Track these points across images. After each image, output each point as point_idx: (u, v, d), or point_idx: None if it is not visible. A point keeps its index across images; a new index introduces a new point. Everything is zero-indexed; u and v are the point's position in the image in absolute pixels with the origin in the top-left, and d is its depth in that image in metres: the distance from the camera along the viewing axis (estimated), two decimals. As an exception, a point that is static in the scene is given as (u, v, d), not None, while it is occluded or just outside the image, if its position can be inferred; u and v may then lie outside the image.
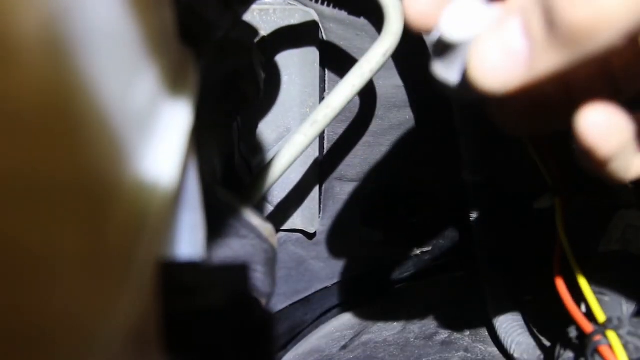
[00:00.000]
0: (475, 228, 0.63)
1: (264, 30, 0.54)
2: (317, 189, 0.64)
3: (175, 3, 0.25)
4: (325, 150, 0.64)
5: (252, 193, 0.50)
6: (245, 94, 0.46)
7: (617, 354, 0.44)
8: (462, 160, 0.60)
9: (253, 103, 0.48)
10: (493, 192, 0.60)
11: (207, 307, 0.20)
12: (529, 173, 0.53)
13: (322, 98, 0.59)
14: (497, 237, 0.62)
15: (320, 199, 0.66)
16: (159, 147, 0.21)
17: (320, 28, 0.57)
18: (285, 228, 0.65)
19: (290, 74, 0.58)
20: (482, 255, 0.63)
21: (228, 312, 0.21)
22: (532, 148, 0.50)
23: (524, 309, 0.60)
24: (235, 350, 0.21)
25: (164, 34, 0.23)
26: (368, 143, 0.64)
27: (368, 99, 0.61)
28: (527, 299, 0.61)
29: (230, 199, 0.34)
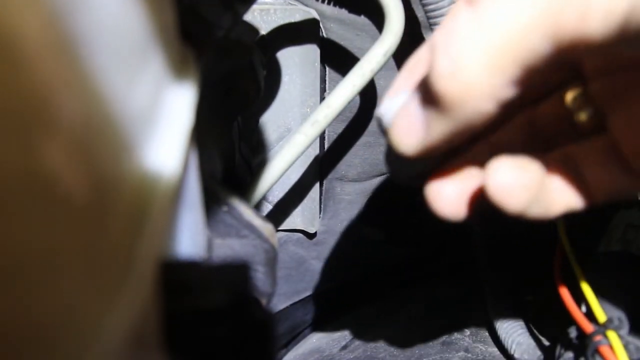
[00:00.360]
0: (476, 228, 0.63)
1: (265, 30, 0.54)
2: (317, 189, 0.64)
3: (176, 3, 0.25)
4: (326, 150, 0.64)
5: (252, 193, 0.50)
6: (246, 94, 0.46)
7: (617, 354, 0.44)
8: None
9: (253, 103, 0.48)
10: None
11: (207, 307, 0.20)
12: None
13: (322, 98, 0.59)
14: (497, 237, 0.62)
15: (321, 199, 0.66)
16: (161, 143, 0.21)
17: (321, 28, 0.57)
18: (286, 228, 0.65)
19: (291, 74, 0.58)
20: (482, 255, 0.63)
21: (228, 312, 0.21)
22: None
23: (524, 309, 0.60)
24: (236, 350, 0.21)
25: (166, 33, 0.23)
26: (368, 143, 0.64)
27: (368, 99, 0.61)
28: (527, 299, 0.61)
29: (231, 199, 0.34)
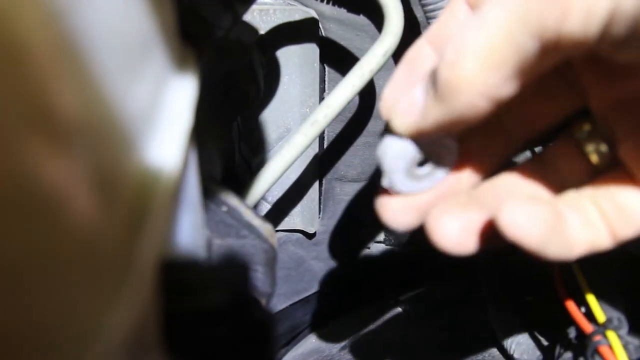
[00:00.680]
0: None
1: (264, 30, 0.54)
2: (317, 189, 0.64)
3: (176, 3, 0.25)
4: (325, 150, 0.64)
5: (251, 193, 0.50)
6: (245, 94, 0.46)
7: (617, 354, 0.44)
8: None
9: (253, 103, 0.48)
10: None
11: (207, 306, 0.20)
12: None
13: (322, 98, 0.59)
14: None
15: (320, 199, 0.66)
16: (161, 142, 0.21)
17: (320, 28, 0.57)
18: (285, 228, 0.65)
19: (291, 74, 0.58)
20: (482, 255, 0.63)
21: (228, 311, 0.21)
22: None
23: (524, 309, 0.60)
24: (236, 350, 0.21)
25: (166, 32, 0.23)
26: (368, 143, 0.64)
27: (368, 99, 0.61)
28: (527, 299, 0.61)
29: (230, 199, 0.34)
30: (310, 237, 0.67)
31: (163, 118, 0.22)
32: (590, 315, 0.47)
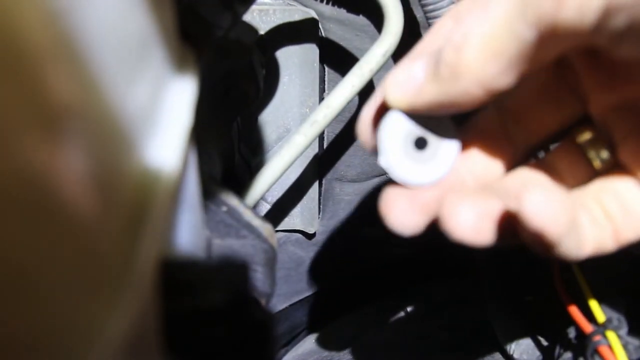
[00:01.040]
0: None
1: (264, 31, 0.54)
2: (316, 189, 0.64)
3: (176, 3, 0.25)
4: (325, 150, 0.64)
5: (251, 193, 0.50)
6: (245, 94, 0.46)
7: (616, 354, 0.44)
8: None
9: (253, 103, 0.48)
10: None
11: (207, 306, 0.20)
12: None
13: (321, 98, 0.59)
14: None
15: (320, 199, 0.66)
16: (160, 142, 0.21)
17: (320, 28, 0.57)
18: (285, 228, 0.65)
19: (290, 74, 0.58)
20: (482, 255, 0.63)
21: (228, 311, 0.21)
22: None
23: (524, 309, 0.60)
24: (236, 350, 0.21)
25: (165, 32, 0.23)
26: (368, 143, 0.64)
27: (368, 99, 0.61)
28: (527, 299, 0.61)
29: (230, 199, 0.34)
30: (310, 237, 0.67)
31: (163, 118, 0.22)
32: (590, 315, 0.47)
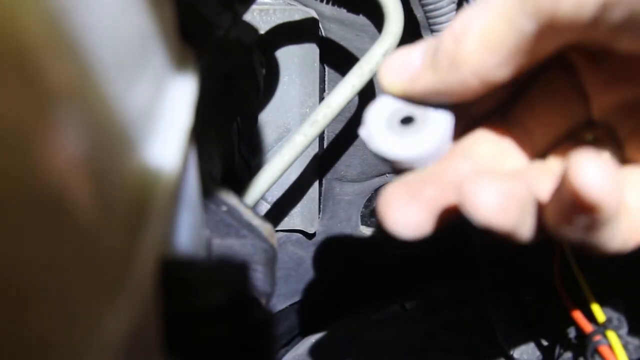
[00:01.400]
0: (476, 228, 0.62)
1: (264, 30, 0.54)
2: (316, 189, 0.64)
3: (176, 3, 0.25)
4: (325, 150, 0.64)
5: (251, 193, 0.50)
6: (245, 94, 0.46)
7: (617, 354, 0.44)
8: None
9: (253, 103, 0.48)
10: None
11: (207, 306, 0.20)
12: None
13: (321, 98, 0.59)
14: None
15: (320, 199, 0.66)
16: (160, 142, 0.21)
17: (320, 28, 0.57)
18: (285, 228, 0.65)
19: (290, 74, 0.58)
20: (482, 255, 0.63)
21: (227, 311, 0.21)
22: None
23: (524, 309, 0.60)
24: (235, 350, 0.21)
25: (165, 32, 0.23)
26: (368, 143, 0.64)
27: (368, 99, 0.61)
28: (527, 299, 0.61)
29: (230, 199, 0.34)
30: (310, 237, 0.67)
31: (163, 118, 0.22)
32: (590, 315, 0.47)
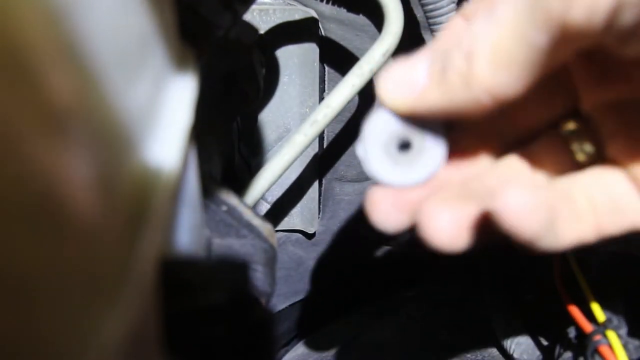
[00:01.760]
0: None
1: (264, 30, 0.54)
2: (316, 189, 0.64)
3: (176, 3, 0.25)
4: (325, 150, 0.64)
5: (251, 193, 0.50)
6: (245, 93, 0.46)
7: (616, 354, 0.44)
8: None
9: (253, 102, 0.48)
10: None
11: (207, 306, 0.20)
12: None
13: (321, 98, 0.59)
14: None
15: (320, 199, 0.66)
16: (161, 141, 0.21)
17: (320, 28, 0.57)
18: (285, 228, 0.65)
19: (290, 74, 0.58)
20: (482, 256, 0.63)
21: (227, 310, 0.21)
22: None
23: (524, 309, 0.60)
24: (235, 350, 0.21)
25: (165, 32, 0.23)
26: (368, 143, 0.64)
27: (368, 99, 0.61)
28: (527, 299, 0.61)
29: (230, 199, 0.34)
30: (310, 237, 0.67)
31: (163, 117, 0.22)
32: (590, 315, 0.47)
